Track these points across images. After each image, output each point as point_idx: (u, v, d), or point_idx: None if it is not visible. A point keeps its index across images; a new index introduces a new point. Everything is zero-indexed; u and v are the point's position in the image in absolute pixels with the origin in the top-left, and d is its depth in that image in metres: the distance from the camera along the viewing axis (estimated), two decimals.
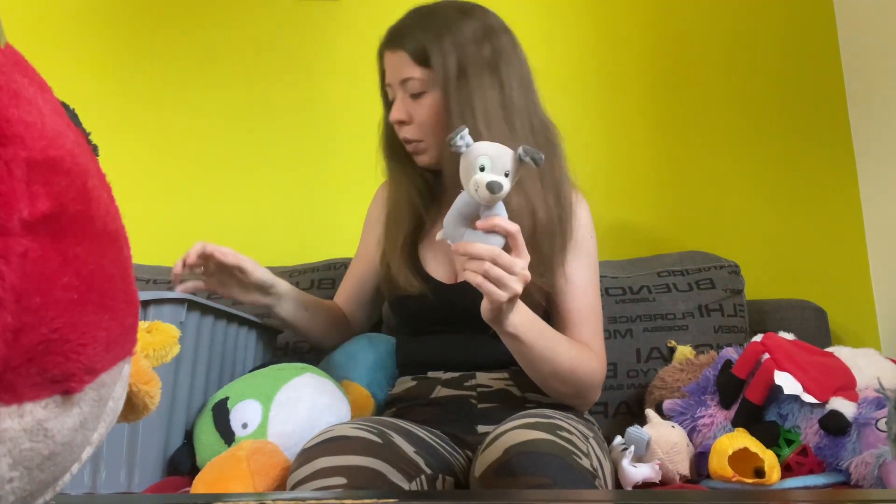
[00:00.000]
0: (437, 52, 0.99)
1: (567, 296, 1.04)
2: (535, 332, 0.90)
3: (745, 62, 1.73)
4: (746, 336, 1.36)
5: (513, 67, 1.03)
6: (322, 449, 0.78)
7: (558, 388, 0.97)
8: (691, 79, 1.74)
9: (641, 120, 1.73)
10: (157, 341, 0.45)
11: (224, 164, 1.75)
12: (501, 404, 1.00)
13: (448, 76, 0.99)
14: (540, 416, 0.80)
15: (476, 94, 0.98)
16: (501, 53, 1.02)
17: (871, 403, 0.91)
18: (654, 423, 1.03)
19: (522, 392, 1.01)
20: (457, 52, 0.99)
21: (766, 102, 1.72)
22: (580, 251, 1.05)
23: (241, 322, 1.16)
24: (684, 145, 1.72)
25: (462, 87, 0.99)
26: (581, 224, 1.07)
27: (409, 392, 1.07)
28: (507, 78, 1.01)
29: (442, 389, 1.03)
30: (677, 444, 0.99)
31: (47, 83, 0.29)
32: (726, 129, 1.72)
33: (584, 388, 0.98)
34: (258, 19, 1.79)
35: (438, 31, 1.01)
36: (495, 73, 1.01)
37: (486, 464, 0.76)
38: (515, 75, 1.03)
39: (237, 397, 0.98)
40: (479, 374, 1.03)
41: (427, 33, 1.01)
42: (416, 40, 1.01)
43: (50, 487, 0.28)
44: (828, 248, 1.65)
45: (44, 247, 0.24)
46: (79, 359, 0.26)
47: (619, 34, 1.76)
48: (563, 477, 0.71)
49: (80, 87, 1.75)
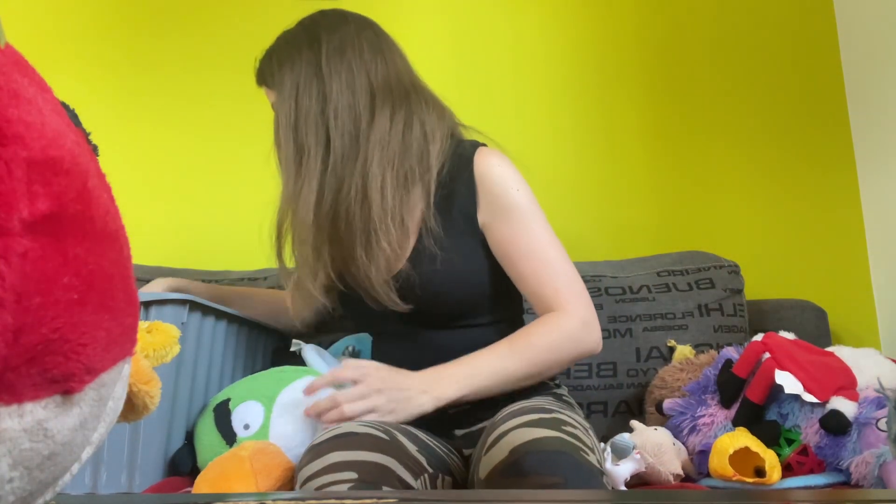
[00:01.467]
0: (269, 73, 1.07)
1: (510, 261, 1.00)
2: (459, 383, 0.92)
3: (745, 62, 1.73)
4: (746, 336, 1.36)
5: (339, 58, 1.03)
6: (333, 444, 0.78)
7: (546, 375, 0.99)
8: (691, 78, 1.74)
9: (641, 119, 1.73)
10: (158, 341, 0.45)
11: (224, 165, 1.75)
12: (470, 406, 0.99)
13: (279, 93, 1.04)
14: (540, 412, 0.79)
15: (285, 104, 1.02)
16: (327, 51, 1.03)
17: (871, 403, 0.91)
18: (638, 431, 1.03)
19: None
20: (282, 66, 1.05)
21: (766, 102, 1.72)
22: (504, 212, 0.99)
23: (242, 323, 1.16)
24: (684, 145, 1.72)
25: (281, 100, 1.03)
26: (494, 182, 1.00)
27: None
28: (328, 74, 1.02)
29: None
30: (662, 444, 1.00)
31: (47, 83, 0.29)
32: (726, 129, 1.72)
33: (569, 355, 0.97)
34: (258, 20, 1.79)
35: (272, 53, 1.08)
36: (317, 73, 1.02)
37: (491, 464, 0.75)
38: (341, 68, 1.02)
39: (239, 399, 0.98)
40: None
41: (268, 60, 1.08)
42: (262, 70, 1.10)
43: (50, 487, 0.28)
44: (828, 249, 1.65)
45: (44, 247, 0.24)
46: (79, 359, 0.26)
47: (619, 34, 1.76)
48: (574, 475, 0.71)
49: (80, 87, 1.75)
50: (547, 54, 1.76)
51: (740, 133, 1.71)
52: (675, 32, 1.76)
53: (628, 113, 1.74)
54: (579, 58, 1.76)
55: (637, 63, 1.75)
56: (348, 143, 1.00)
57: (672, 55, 1.75)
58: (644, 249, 1.61)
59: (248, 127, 1.76)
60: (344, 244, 1.00)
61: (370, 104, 1.01)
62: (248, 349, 1.19)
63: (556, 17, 1.77)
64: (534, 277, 0.99)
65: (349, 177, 0.99)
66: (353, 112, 1.00)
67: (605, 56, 1.76)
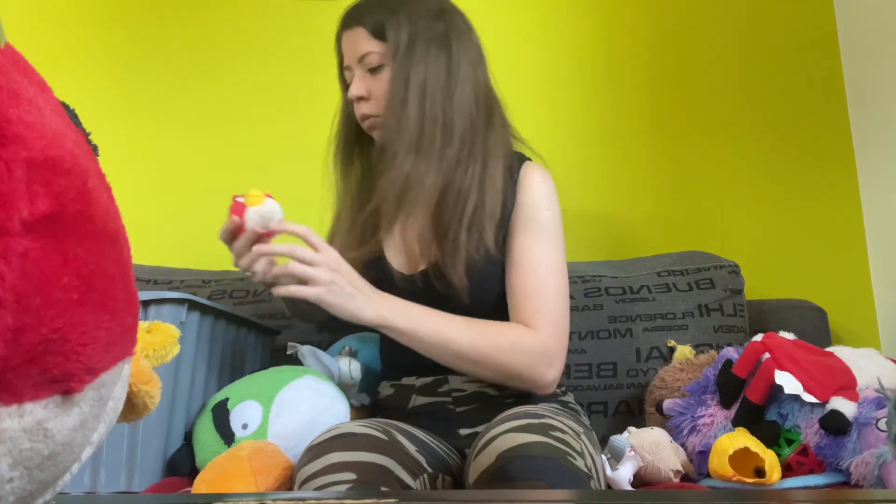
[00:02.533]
0: (391, 26, 1.01)
1: (511, 270, 1.01)
2: (408, 318, 0.93)
3: (745, 62, 1.73)
4: (746, 336, 1.36)
5: (463, 45, 1.05)
6: (332, 444, 0.78)
7: (479, 372, 0.97)
8: (691, 78, 1.74)
9: (641, 119, 1.73)
10: (157, 341, 0.45)
11: (224, 165, 1.75)
12: (479, 404, 1.00)
13: (398, 48, 1.01)
14: (531, 417, 0.79)
15: (417, 67, 1.00)
16: (453, 30, 1.04)
17: (871, 403, 0.91)
18: (635, 432, 1.04)
19: (498, 390, 1.01)
20: (409, 25, 1.01)
21: (766, 102, 1.72)
22: (529, 224, 1.02)
23: (240, 323, 1.16)
24: (684, 145, 1.72)
25: (407, 58, 1.00)
26: (532, 196, 1.03)
27: (388, 401, 1.07)
28: (457, 53, 1.03)
29: (418, 398, 1.03)
30: (658, 441, 1.00)
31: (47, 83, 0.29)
32: (726, 129, 1.72)
33: (513, 367, 0.95)
34: (258, 19, 1.79)
35: (394, 6, 1.03)
36: (444, 47, 1.02)
37: (479, 470, 0.76)
38: (465, 52, 1.04)
39: (237, 398, 0.98)
40: (451, 378, 1.02)
41: (383, 8, 1.03)
42: (373, 15, 1.03)
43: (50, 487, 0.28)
44: (828, 248, 1.65)
45: (44, 247, 0.24)
46: (79, 359, 0.26)
47: (620, 34, 1.76)
48: (558, 480, 0.71)
49: (80, 87, 1.75)
50: (547, 53, 1.76)
51: (740, 133, 1.71)
52: (675, 33, 1.76)
53: (629, 113, 1.74)
54: (580, 57, 1.76)
55: (638, 63, 1.75)
56: (469, 133, 1.01)
57: (672, 56, 1.75)
58: (644, 249, 1.62)
59: (248, 127, 1.76)
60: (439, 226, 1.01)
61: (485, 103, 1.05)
62: (248, 349, 1.19)
63: (556, 15, 1.77)
64: (522, 290, 0.99)
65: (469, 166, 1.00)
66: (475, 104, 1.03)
67: (606, 56, 1.76)
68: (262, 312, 1.41)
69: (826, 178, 1.68)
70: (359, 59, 1.03)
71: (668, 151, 1.72)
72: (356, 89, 1.03)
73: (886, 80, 1.56)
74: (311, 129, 1.76)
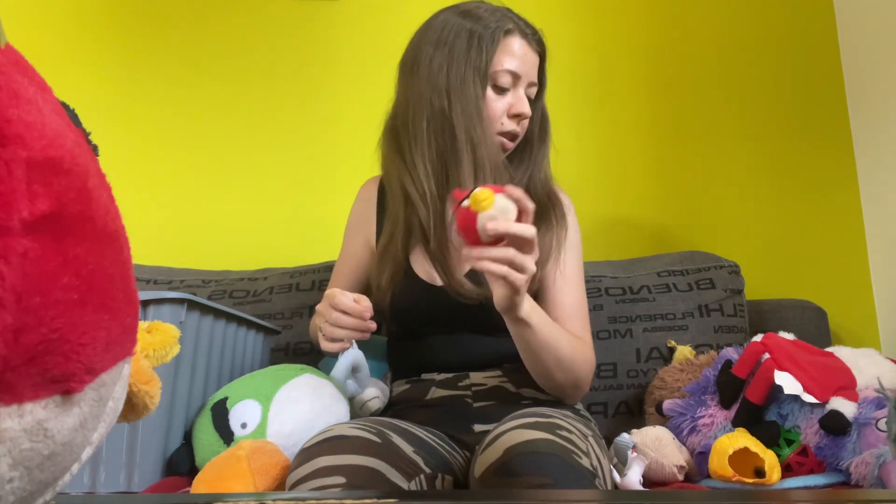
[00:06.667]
0: (544, 68, 1.12)
1: (562, 289, 1.06)
2: (541, 318, 0.93)
3: (745, 62, 1.73)
4: (746, 336, 1.36)
5: None
6: (321, 448, 0.78)
7: (558, 379, 0.97)
8: (691, 78, 1.74)
9: (641, 120, 1.73)
10: (157, 341, 0.45)
11: (224, 165, 1.75)
12: (497, 402, 1.01)
13: (543, 91, 1.12)
14: (539, 416, 0.80)
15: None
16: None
17: (871, 403, 0.91)
18: (636, 432, 1.04)
19: (517, 388, 1.02)
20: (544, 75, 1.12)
21: (766, 102, 1.72)
22: (570, 245, 1.09)
23: (240, 322, 1.16)
24: (684, 145, 1.72)
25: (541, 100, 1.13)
26: (575, 218, 1.12)
27: (403, 395, 1.07)
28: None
29: (437, 391, 1.04)
30: (661, 437, 1.01)
31: (47, 83, 0.29)
32: (726, 129, 1.72)
33: (582, 377, 0.99)
34: (258, 19, 1.79)
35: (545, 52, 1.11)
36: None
37: (486, 464, 0.76)
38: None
39: (236, 397, 0.98)
40: (472, 374, 1.03)
41: (544, 48, 1.11)
42: (543, 51, 1.11)
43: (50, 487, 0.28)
44: (828, 249, 1.65)
45: (44, 247, 0.24)
46: (79, 359, 0.26)
47: (619, 33, 1.76)
48: (563, 476, 0.71)
49: (80, 87, 1.75)
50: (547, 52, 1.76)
51: (740, 134, 1.71)
52: (675, 33, 1.76)
53: (628, 113, 1.74)
54: (579, 57, 1.76)
55: (637, 63, 1.75)
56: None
57: (672, 56, 1.75)
58: (644, 249, 1.62)
59: (248, 127, 1.76)
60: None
61: None
62: (247, 348, 1.19)
63: (556, 14, 1.77)
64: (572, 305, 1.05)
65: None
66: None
67: (605, 56, 1.76)
68: (262, 312, 1.41)
69: (826, 178, 1.68)
70: (530, 82, 1.07)
71: (668, 152, 1.72)
72: (527, 108, 1.06)
73: (886, 79, 1.56)
74: (314, 128, 1.76)
